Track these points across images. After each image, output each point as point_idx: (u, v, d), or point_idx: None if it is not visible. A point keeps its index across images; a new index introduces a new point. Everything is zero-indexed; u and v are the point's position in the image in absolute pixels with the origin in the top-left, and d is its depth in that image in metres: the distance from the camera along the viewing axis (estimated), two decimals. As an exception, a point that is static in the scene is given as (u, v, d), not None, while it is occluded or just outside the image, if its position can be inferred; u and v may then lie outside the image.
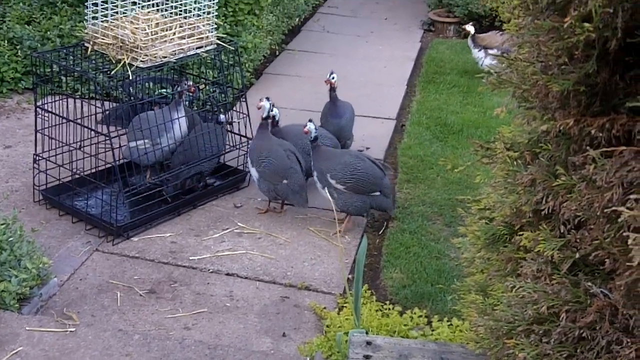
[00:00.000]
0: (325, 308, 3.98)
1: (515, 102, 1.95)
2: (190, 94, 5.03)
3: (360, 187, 4.62)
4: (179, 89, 4.93)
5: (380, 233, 4.82)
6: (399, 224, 4.84)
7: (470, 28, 7.39)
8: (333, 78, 5.36)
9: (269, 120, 4.84)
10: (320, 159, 4.66)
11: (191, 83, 4.97)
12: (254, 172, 4.82)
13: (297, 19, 8.68)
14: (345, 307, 3.94)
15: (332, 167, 4.62)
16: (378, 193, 4.68)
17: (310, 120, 4.71)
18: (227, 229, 4.72)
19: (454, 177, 5.42)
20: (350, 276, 4.30)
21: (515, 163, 2.05)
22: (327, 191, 4.63)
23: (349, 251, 4.55)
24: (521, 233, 2.01)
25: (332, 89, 5.39)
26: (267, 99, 4.85)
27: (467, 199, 2.50)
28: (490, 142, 2.22)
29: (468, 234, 2.53)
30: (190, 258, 4.39)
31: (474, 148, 2.25)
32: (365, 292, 4.05)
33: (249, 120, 5.19)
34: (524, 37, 1.71)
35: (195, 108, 5.57)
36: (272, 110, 4.84)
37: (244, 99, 5.24)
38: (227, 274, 4.27)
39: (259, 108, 4.81)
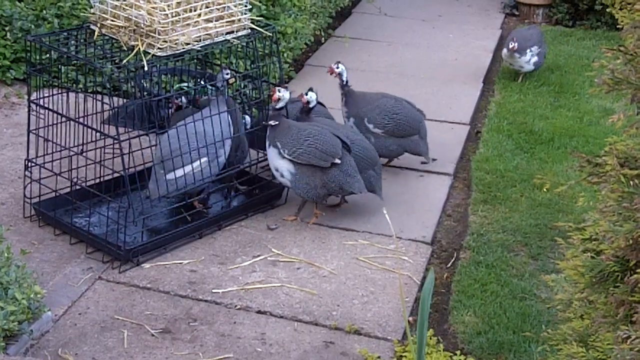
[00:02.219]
0: (379, 358, 3.97)
1: (635, 107, 1.92)
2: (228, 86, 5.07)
3: (400, 131, 5.45)
4: (218, 81, 4.96)
5: (448, 266, 4.80)
6: (473, 255, 4.81)
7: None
8: (338, 67, 5.44)
9: (311, 112, 5.10)
10: (356, 104, 5.27)
11: (228, 72, 5.00)
12: (287, 168, 4.87)
13: (347, -1, 8.72)
14: (405, 356, 3.93)
15: (370, 111, 5.40)
16: (416, 136, 5.50)
17: (310, 89, 5.14)
18: (259, 256, 4.74)
19: (542, 198, 5.38)
20: (411, 319, 4.28)
21: (632, 183, 2.03)
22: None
23: (410, 287, 4.54)
24: (638, 270, 1.98)
25: (343, 83, 5.48)
26: (311, 89, 5.14)
27: (567, 227, 2.47)
28: (598, 157, 2.20)
29: (566, 269, 2.50)
30: (214, 291, 4.41)
31: (579, 163, 2.22)
32: (431, 338, 4.03)
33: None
34: (649, 24, 1.69)
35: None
36: (312, 100, 5.18)
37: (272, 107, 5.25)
38: (259, 312, 4.29)
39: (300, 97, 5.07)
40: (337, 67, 5.45)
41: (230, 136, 4.95)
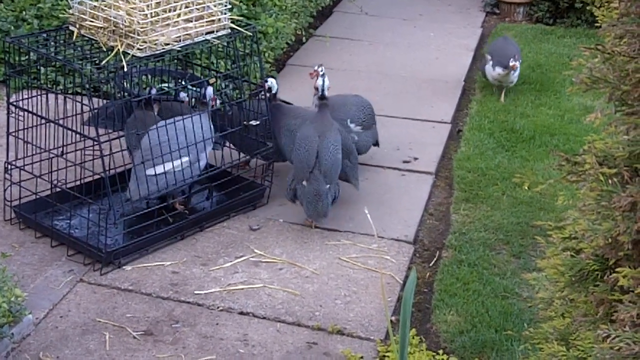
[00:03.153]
0: (362, 358, 3.96)
1: (612, 106, 1.93)
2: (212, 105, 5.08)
3: (370, 122, 5.55)
4: (205, 91, 5.02)
5: (431, 265, 4.81)
6: (455, 254, 4.82)
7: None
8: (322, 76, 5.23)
9: (325, 101, 5.06)
10: (332, 111, 5.17)
11: (210, 90, 5.06)
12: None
13: (328, -2, 8.71)
14: (388, 356, 3.93)
15: (348, 111, 5.44)
16: (375, 125, 5.60)
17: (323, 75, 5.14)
18: (241, 256, 4.73)
19: (524, 196, 5.40)
20: (394, 318, 4.28)
21: (610, 182, 2.03)
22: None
23: (392, 287, 4.54)
24: (618, 269, 1.99)
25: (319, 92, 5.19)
26: (321, 68, 5.25)
27: (547, 225, 2.48)
28: (577, 155, 2.20)
29: (547, 268, 2.51)
30: (196, 292, 4.40)
31: (558, 162, 2.22)
32: (413, 338, 4.04)
33: (269, 122, 5.21)
34: (626, 25, 1.69)
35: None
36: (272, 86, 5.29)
37: (262, 96, 5.26)
38: (241, 313, 4.28)
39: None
40: (322, 75, 5.19)
41: (211, 140, 4.94)
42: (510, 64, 6.62)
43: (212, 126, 4.98)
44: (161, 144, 4.71)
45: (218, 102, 5.17)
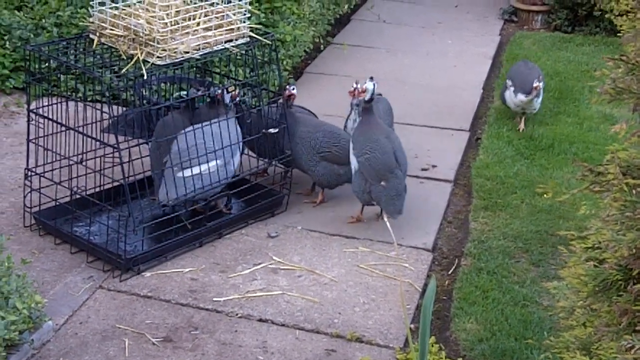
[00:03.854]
0: (381, 366, 3.96)
1: (637, 116, 1.92)
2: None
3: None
4: (220, 91, 5.05)
5: (450, 273, 4.80)
6: (474, 262, 4.80)
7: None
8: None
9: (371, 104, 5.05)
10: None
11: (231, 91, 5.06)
12: (353, 161, 5.00)
13: (346, 6, 8.71)
14: (407, 365, 3.92)
15: (379, 114, 5.26)
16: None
17: (371, 78, 5.05)
18: (260, 264, 4.73)
19: (543, 205, 5.38)
20: (413, 326, 4.27)
21: (634, 192, 2.02)
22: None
23: (411, 295, 4.53)
24: (642, 279, 1.97)
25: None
26: (372, 78, 5.07)
27: (569, 235, 2.46)
28: (600, 165, 2.19)
29: (568, 277, 2.50)
30: (215, 299, 4.41)
31: (581, 172, 2.21)
32: (433, 346, 4.02)
33: (287, 130, 5.22)
34: (651, 32, 1.68)
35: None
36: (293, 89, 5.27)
37: (280, 104, 5.26)
38: (260, 320, 4.28)
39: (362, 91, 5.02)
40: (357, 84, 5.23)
41: (241, 144, 5.02)
42: (534, 84, 6.18)
43: (240, 130, 5.03)
44: (191, 147, 4.77)
45: (233, 88, 5.17)
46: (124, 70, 4.62)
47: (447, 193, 5.61)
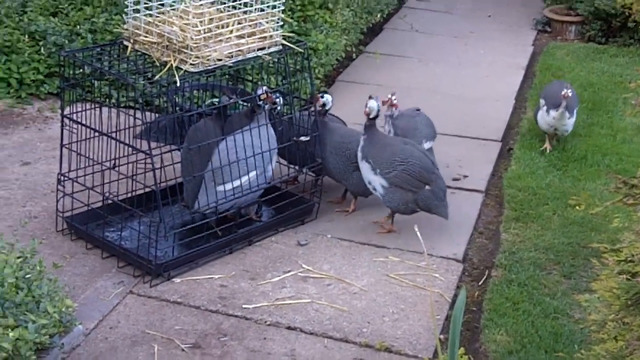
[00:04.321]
0: (410, 376, 3.95)
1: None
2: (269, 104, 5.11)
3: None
4: (259, 95, 5.04)
5: (480, 284, 4.77)
6: (505, 274, 4.78)
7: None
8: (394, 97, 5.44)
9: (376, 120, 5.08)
10: (404, 131, 5.34)
11: (265, 88, 5.05)
12: (379, 182, 4.98)
13: (379, 15, 8.71)
14: (436, 375, 3.91)
15: (420, 130, 5.46)
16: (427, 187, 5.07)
17: (370, 97, 5.06)
18: (289, 271, 4.74)
19: (575, 217, 5.34)
20: (442, 337, 4.25)
21: (668, 204, 2.00)
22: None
23: (441, 305, 4.52)
24: (676, 292, 1.95)
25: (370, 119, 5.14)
26: (370, 97, 5.10)
27: (602, 248, 2.44)
28: (634, 178, 2.17)
29: (600, 290, 2.48)
30: (244, 306, 4.42)
31: (615, 185, 2.19)
32: (462, 357, 3.99)
33: (318, 138, 5.23)
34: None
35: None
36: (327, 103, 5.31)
37: (313, 112, 5.27)
38: (289, 328, 4.28)
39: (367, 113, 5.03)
40: (395, 98, 5.46)
41: (276, 149, 5.07)
42: (562, 92, 5.96)
43: (273, 136, 5.07)
44: (232, 164, 4.82)
45: (278, 100, 5.19)
46: (157, 77, 4.65)
47: (478, 203, 5.59)
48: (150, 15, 4.82)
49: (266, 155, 4.97)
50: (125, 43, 4.86)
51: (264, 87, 5.06)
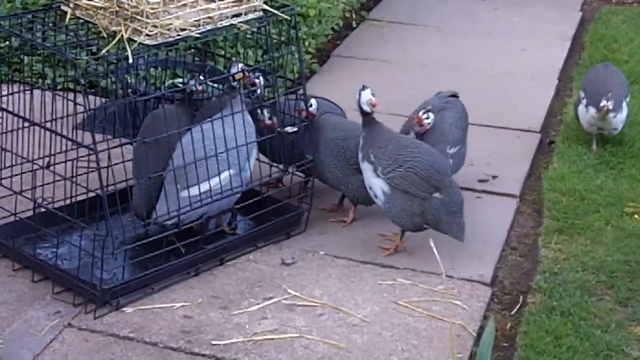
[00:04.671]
0: None
1: None
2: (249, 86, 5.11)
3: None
4: (234, 75, 5.03)
5: (513, 313, 4.77)
6: (544, 300, 4.78)
7: None
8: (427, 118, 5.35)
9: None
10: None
11: (241, 66, 5.04)
12: (380, 187, 4.97)
13: (385, -27, 8.73)
14: None
15: (445, 133, 5.40)
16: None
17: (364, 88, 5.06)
18: (271, 298, 4.73)
19: (634, 228, 5.36)
20: (465, 381, 4.27)
21: None
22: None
23: (463, 340, 4.51)
24: None
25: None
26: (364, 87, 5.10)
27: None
28: None
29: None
30: (214, 343, 4.40)
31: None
32: (490, 407, 4.02)
33: (310, 128, 5.22)
34: None
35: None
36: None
37: (301, 96, 5.27)
38: (270, 370, 4.29)
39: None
40: (427, 118, 5.32)
41: (256, 143, 5.07)
42: (601, 104, 5.97)
43: (253, 126, 5.07)
44: (199, 161, 4.80)
45: (257, 80, 5.18)
46: (104, 51, 4.63)
47: (511, 211, 5.60)
48: (95, -28, 4.81)
49: (242, 150, 4.96)
50: (64, 8, 4.85)
51: (240, 65, 5.05)
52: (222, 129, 4.88)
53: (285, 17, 5.12)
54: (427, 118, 5.28)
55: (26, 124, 4.85)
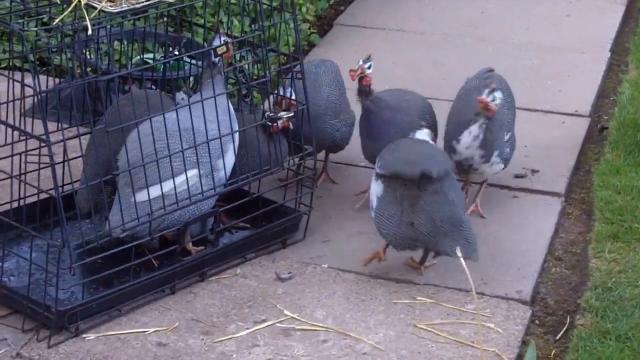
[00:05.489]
0: None
1: None
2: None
3: None
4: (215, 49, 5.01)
5: (558, 337, 4.78)
6: (596, 322, 4.78)
7: None
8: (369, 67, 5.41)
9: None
10: None
11: (225, 39, 5.04)
12: (375, 192, 4.99)
13: None
14: None
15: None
16: None
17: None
18: (264, 321, 4.74)
19: None
20: (501, 421, 4.28)
21: None
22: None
23: (498, 372, 4.53)
24: None
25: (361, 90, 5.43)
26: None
27: None
28: None
29: None
30: (195, 375, 4.43)
31: None
32: None
33: (308, 111, 5.23)
34: None
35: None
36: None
37: (298, 74, 5.27)
38: (263, 410, 4.31)
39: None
40: (494, 100, 5.27)
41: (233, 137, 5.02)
42: None
43: (233, 114, 5.04)
44: (148, 157, 4.75)
45: (224, 50, 5.14)
46: (57, 21, 4.63)
47: (554, 213, 5.62)
48: None
49: (215, 144, 4.94)
50: (8, -31, 4.86)
51: (223, 37, 5.05)
52: (188, 118, 4.84)
53: (279, -22, 5.13)
54: (494, 100, 5.25)
55: (-37, 111, 4.86)
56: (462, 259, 4.33)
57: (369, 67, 5.33)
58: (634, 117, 6.40)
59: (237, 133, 5.03)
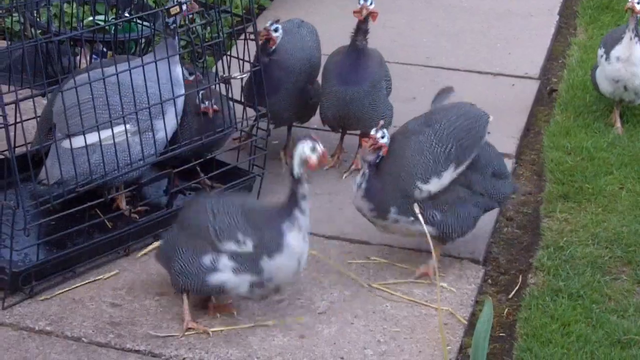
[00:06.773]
0: None
1: None
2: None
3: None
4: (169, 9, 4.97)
5: (510, 296, 4.81)
6: (548, 280, 4.81)
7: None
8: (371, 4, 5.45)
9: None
10: None
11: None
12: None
13: None
14: None
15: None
16: None
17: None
18: (218, 281, 4.73)
19: (654, 192, 5.42)
20: (455, 377, 4.30)
21: None
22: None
23: (452, 329, 4.53)
24: None
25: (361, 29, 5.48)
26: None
27: None
28: None
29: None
30: (152, 333, 4.41)
31: None
32: (486, 408, 4.05)
33: (262, 74, 5.22)
34: None
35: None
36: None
37: (250, 35, 5.26)
38: (220, 368, 4.30)
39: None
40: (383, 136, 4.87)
41: (175, 99, 4.97)
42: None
43: (181, 79, 5.01)
44: (84, 103, 4.71)
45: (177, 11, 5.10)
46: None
47: (505, 174, 5.63)
48: None
49: (154, 103, 4.90)
50: None
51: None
52: (127, 76, 4.81)
53: None
54: (383, 136, 4.84)
55: None
56: (419, 215, 4.35)
57: (371, 4, 5.42)
58: (582, 79, 6.44)
59: (182, 97, 5.02)
